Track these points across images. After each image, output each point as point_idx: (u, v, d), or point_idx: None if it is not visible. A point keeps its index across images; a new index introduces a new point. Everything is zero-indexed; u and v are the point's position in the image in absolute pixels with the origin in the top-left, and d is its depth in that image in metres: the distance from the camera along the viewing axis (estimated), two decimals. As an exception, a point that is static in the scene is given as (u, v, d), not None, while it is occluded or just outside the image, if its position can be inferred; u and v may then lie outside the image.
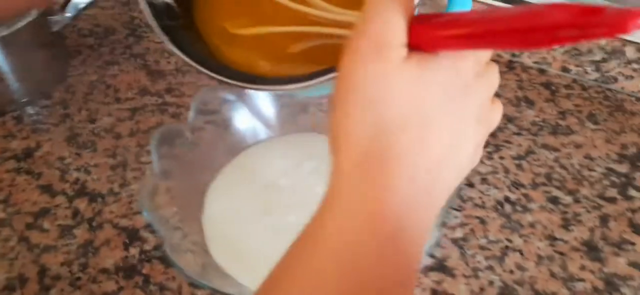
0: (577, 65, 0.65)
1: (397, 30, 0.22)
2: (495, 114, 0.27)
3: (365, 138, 0.22)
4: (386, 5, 0.22)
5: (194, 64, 0.33)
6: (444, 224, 0.41)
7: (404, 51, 0.22)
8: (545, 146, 0.57)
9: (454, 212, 0.49)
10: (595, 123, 0.60)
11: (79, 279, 0.44)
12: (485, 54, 0.26)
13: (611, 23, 0.17)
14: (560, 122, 0.60)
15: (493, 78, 0.26)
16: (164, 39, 0.33)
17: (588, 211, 0.51)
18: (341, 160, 0.23)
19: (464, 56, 0.24)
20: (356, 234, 0.22)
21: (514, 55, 0.67)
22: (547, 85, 0.64)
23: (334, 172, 0.23)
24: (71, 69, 0.63)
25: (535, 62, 0.66)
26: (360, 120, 0.22)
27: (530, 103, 0.62)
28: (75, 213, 0.49)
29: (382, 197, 0.22)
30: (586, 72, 0.65)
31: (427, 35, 0.23)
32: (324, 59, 0.31)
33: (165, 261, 0.45)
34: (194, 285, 0.43)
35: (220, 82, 0.33)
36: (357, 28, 0.23)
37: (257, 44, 0.34)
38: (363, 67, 0.22)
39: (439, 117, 0.23)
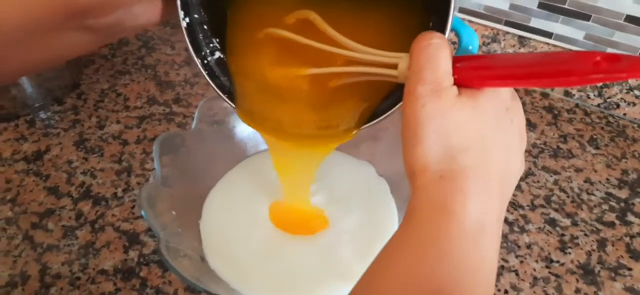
0: (579, 90, 0.65)
1: (447, 74, 0.27)
2: (524, 129, 0.31)
3: (438, 163, 0.26)
4: (435, 54, 0.27)
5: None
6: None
7: (455, 90, 0.27)
8: (545, 168, 0.57)
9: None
10: (596, 148, 0.60)
11: (78, 278, 0.45)
12: None
13: (630, 69, 0.22)
14: (562, 145, 0.60)
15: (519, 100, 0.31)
16: (229, 103, 0.37)
17: (586, 235, 0.51)
18: (419, 185, 0.27)
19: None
20: (441, 236, 0.25)
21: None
22: (549, 108, 0.65)
23: (414, 195, 0.27)
24: (84, 77, 0.65)
25: (539, 86, 0.67)
26: (431, 149, 0.26)
27: (532, 126, 0.62)
28: (79, 215, 0.50)
29: (461, 208, 0.25)
30: (589, 97, 0.65)
31: (471, 75, 0.27)
32: (356, 93, 0.35)
33: (163, 265, 0.46)
34: (190, 289, 0.44)
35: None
36: (413, 76, 0.27)
37: (289, 92, 0.37)
38: (425, 108, 0.26)
39: (493, 137, 0.27)
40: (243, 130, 0.52)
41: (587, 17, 0.60)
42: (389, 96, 0.34)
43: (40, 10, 0.26)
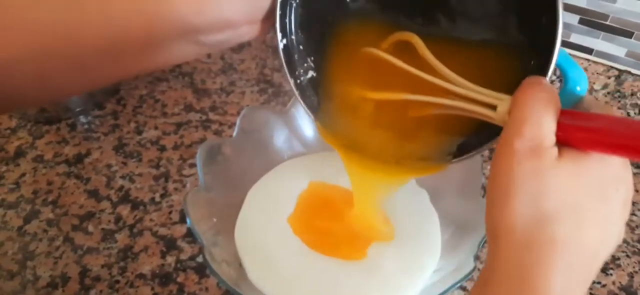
0: (619, 108, 0.64)
1: (549, 132, 0.25)
2: (632, 194, 0.28)
3: (525, 228, 0.24)
4: (539, 108, 0.25)
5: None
6: (477, 257, 0.41)
7: (555, 151, 0.25)
8: (584, 187, 0.56)
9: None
10: (638, 167, 0.58)
11: (117, 282, 0.46)
12: None
13: None
14: (601, 164, 0.59)
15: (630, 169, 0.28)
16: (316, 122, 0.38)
17: (628, 256, 0.49)
18: (502, 248, 0.25)
19: None
20: None
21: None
22: (588, 126, 0.63)
23: (493, 257, 0.26)
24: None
25: (577, 103, 0.66)
26: (521, 213, 0.24)
27: (570, 143, 0.61)
28: (118, 219, 0.51)
29: (542, 285, 0.24)
30: (629, 115, 0.63)
31: (578, 136, 0.25)
32: (441, 126, 0.34)
33: (200, 272, 0.47)
34: (227, 296, 0.45)
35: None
36: (512, 128, 0.25)
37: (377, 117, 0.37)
38: (520, 166, 0.24)
39: (593, 208, 0.25)
40: (280, 138, 0.52)
41: (629, 34, 0.59)
42: (476, 131, 0.33)
43: (159, 27, 0.28)
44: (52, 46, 0.27)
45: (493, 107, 0.28)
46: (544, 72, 0.28)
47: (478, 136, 0.33)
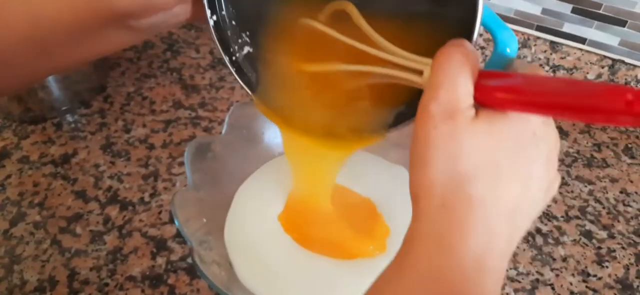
0: (614, 98, 0.63)
1: (465, 95, 0.25)
2: (557, 151, 0.28)
3: (443, 189, 0.24)
4: (454, 71, 0.25)
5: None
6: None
7: (472, 112, 0.25)
8: (579, 178, 0.55)
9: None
10: (632, 157, 0.58)
11: (107, 284, 0.45)
12: None
13: None
14: (596, 154, 0.58)
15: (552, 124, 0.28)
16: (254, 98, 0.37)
17: (623, 248, 0.49)
18: (421, 210, 0.25)
19: None
20: (437, 273, 0.24)
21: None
22: (582, 116, 0.63)
23: (414, 219, 0.26)
24: (110, 80, 0.65)
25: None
26: (438, 174, 0.24)
27: (564, 134, 0.61)
28: (107, 220, 0.50)
29: (460, 243, 0.24)
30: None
31: (493, 96, 0.25)
32: (375, 95, 0.34)
33: (191, 273, 0.46)
34: (218, 298, 0.44)
35: None
36: (428, 92, 0.25)
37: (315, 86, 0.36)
38: (436, 130, 0.25)
39: (510, 166, 0.25)
40: (272, 136, 0.51)
41: (623, 23, 0.59)
42: (413, 101, 0.33)
43: (85, 12, 0.28)
44: None
45: (421, 73, 0.28)
46: (470, 36, 0.28)
47: (415, 105, 0.33)
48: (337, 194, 0.44)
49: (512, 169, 0.25)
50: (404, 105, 0.34)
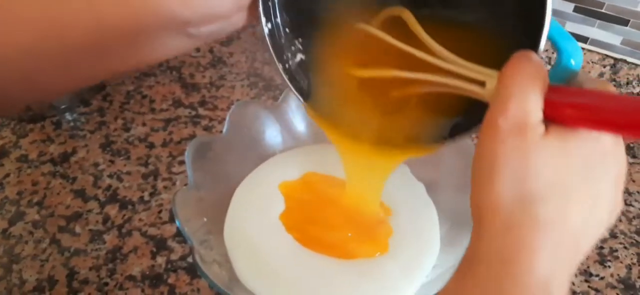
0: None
1: (535, 109, 0.24)
2: (624, 172, 0.27)
3: (509, 208, 0.23)
4: (525, 84, 0.24)
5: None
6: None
7: (542, 128, 0.24)
8: (581, 178, 0.55)
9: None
10: (634, 157, 0.58)
11: (106, 284, 0.44)
12: None
13: None
14: (598, 154, 0.58)
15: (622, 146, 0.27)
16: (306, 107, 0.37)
17: (625, 247, 0.49)
18: (485, 229, 0.24)
19: None
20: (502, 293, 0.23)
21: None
22: (584, 116, 0.63)
23: (476, 238, 0.25)
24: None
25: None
26: (504, 193, 0.23)
27: (566, 133, 0.60)
28: (106, 219, 0.49)
29: (525, 267, 0.23)
30: (625, 105, 0.63)
31: (564, 113, 0.24)
32: (432, 105, 0.34)
33: (191, 272, 0.45)
34: (218, 297, 0.43)
35: None
36: (496, 105, 0.24)
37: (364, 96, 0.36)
38: (504, 145, 0.23)
39: (579, 187, 0.24)
40: (272, 134, 0.51)
41: (625, 22, 0.59)
42: (468, 111, 0.32)
43: (148, 20, 0.28)
44: (38, 44, 0.27)
45: (483, 84, 0.27)
46: (535, 47, 0.27)
47: (471, 117, 0.32)
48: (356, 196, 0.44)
49: (581, 190, 0.24)
50: (460, 118, 0.33)
